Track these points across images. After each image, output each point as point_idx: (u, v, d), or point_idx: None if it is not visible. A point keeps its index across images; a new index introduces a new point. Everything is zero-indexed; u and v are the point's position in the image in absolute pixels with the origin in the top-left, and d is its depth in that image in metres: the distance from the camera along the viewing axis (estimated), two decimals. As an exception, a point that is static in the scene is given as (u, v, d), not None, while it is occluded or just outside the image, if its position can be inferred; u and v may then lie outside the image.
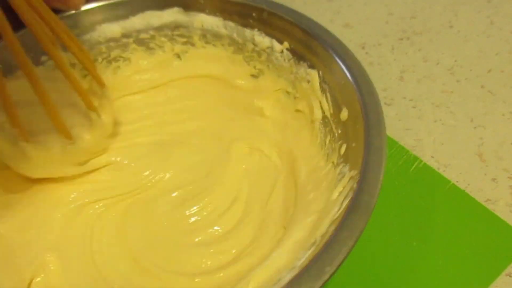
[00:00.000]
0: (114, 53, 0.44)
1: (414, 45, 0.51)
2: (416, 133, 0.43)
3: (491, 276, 0.33)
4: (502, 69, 0.47)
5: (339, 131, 0.34)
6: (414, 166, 0.40)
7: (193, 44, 0.44)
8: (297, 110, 0.40)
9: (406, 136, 0.42)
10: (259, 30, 0.41)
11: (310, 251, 0.27)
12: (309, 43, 0.38)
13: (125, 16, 0.43)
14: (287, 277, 0.26)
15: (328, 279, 0.24)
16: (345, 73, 0.34)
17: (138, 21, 0.43)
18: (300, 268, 0.25)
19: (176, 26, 0.43)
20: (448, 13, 0.53)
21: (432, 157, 0.41)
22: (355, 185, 0.28)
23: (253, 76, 0.44)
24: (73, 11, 0.41)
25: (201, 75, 0.46)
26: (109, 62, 0.45)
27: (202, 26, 0.43)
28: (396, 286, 0.34)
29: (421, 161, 0.40)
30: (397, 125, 0.43)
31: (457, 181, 0.39)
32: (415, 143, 0.42)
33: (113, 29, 0.43)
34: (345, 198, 0.29)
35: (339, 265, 0.25)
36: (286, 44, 0.40)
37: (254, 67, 0.43)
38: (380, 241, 0.36)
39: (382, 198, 0.38)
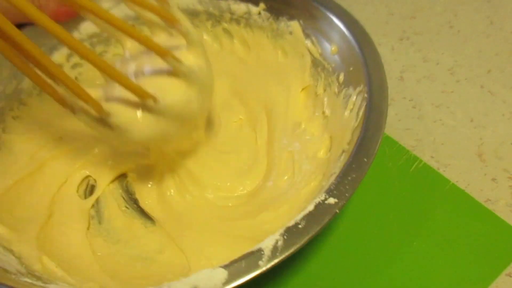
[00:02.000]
0: (99, 49, 0.44)
1: (414, 45, 0.50)
2: (416, 133, 0.43)
3: (491, 276, 0.33)
4: (502, 69, 0.47)
5: (333, 65, 0.37)
6: (414, 166, 0.40)
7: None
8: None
9: (406, 136, 0.42)
10: None
11: (342, 157, 0.31)
12: None
13: None
14: (332, 178, 0.29)
15: (367, 168, 0.28)
16: (325, 14, 0.38)
17: (116, 13, 0.42)
18: (340, 169, 0.29)
19: None
20: (448, 13, 0.53)
21: (432, 157, 0.41)
22: (365, 95, 0.32)
23: None
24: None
25: None
26: None
27: (178, 6, 0.43)
28: (396, 286, 0.34)
29: (421, 161, 0.40)
30: (397, 125, 0.43)
31: (457, 181, 0.39)
32: (415, 143, 0.42)
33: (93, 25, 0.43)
34: (359, 109, 0.32)
35: (374, 156, 0.29)
36: (262, 5, 0.41)
37: None
38: (380, 241, 0.36)
39: (381, 198, 0.38)
